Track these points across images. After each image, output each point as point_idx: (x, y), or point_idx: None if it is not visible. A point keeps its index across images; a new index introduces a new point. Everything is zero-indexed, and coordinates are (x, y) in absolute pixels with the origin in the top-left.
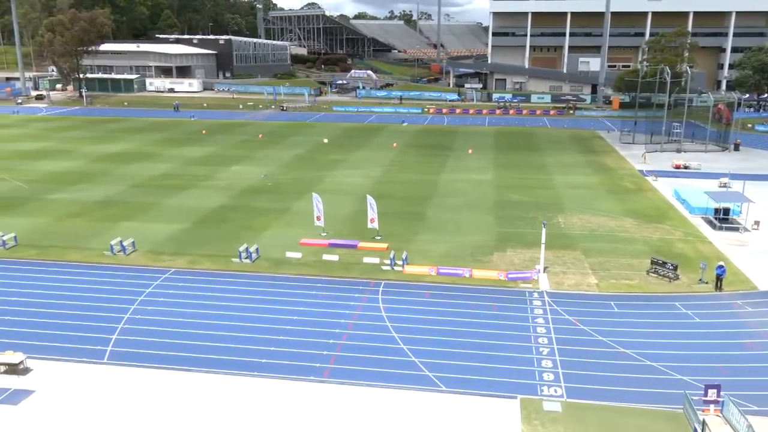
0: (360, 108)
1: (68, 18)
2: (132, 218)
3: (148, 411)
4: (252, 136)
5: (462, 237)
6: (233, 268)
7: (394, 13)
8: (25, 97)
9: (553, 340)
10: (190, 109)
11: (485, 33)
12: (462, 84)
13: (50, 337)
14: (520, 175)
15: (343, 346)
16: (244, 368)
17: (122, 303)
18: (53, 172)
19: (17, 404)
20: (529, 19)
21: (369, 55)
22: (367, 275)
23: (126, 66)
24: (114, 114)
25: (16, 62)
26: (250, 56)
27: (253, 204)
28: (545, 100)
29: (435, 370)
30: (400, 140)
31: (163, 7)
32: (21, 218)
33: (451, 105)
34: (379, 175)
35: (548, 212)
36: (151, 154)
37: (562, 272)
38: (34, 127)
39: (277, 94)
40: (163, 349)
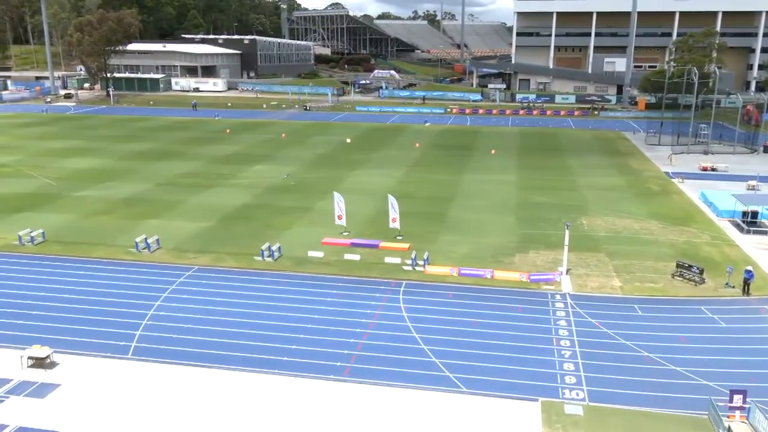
0: (383, 108)
1: (97, 18)
2: (157, 216)
3: (170, 406)
4: (275, 136)
5: (484, 238)
6: (256, 266)
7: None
8: (54, 96)
9: (575, 343)
10: (213, 108)
11: (509, 33)
12: (485, 84)
13: (76, 332)
14: (544, 176)
15: (363, 346)
16: (266, 366)
17: (146, 299)
18: (81, 170)
19: (44, 397)
20: (554, 18)
21: (392, 55)
22: (389, 275)
23: (152, 65)
24: (140, 113)
25: (46, 62)
26: (274, 56)
27: (276, 203)
28: (569, 100)
29: (455, 371)
30: (422, 140)
31: (190, 8)
32: (49, 215)
33: (474, 105)
34: (401, 175)
35: (572, 214)
36: (176, 153)
37: (586, 274)
38: (62, 125)
39: (301, 94)
40: (185, 346)
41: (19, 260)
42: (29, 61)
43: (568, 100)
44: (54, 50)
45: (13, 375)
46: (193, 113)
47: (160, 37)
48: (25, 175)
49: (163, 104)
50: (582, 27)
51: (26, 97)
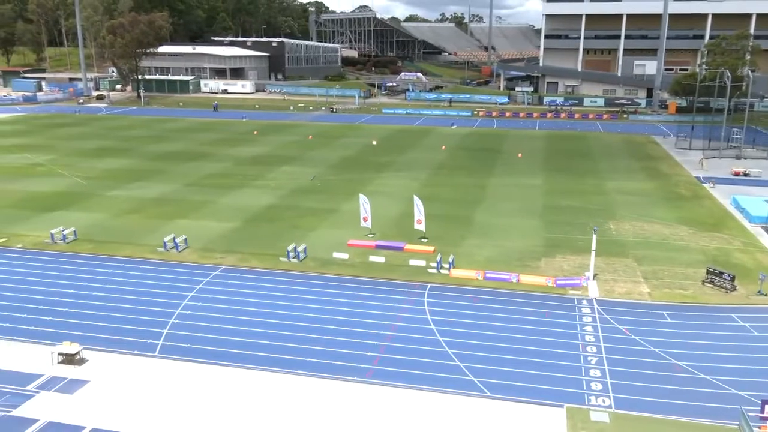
0: (409, 110)
1: (128, 21)
2: (185, 216)
3: (195, 405)
4: (302, 137)
5: (510, 241)
6: (281, 267)
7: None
8: (86, 97)
9: (602, 349)
10: (241, 110)
11: (537, 35)
12: (512, 87)
13: (105, 330)
14: (571, 180)
15: (387, 348)
16: (289, 366)
17: (174, 298)
18: (111, 170)
19: (73, 393)
20: (583, 21)
21: (419, 57)
22: (413, 278)
23: (182, 67)
24: (169, 114)
25: (79, 63)
26: (301, 58)
27: (302, 204)
28: (598, 104)
29: (480, 375)
30: (448, 143)
31: (219, 10)
32: (80, 213)
33: (501, 108)
34: (427, 178)
35: (599, 218)
36: (204, 154)
37: (613, 280)
38: (94, 126)
39: (328, 96)
40: (211, 345)
41: (51, 258)
42: (63, 63)
43: (597, 103)
44: (87, 52)
45: (44, 371)
46: (214, 114)
47: (189, 40)
48: (58, 175)
49: (192, 106)
50: (611, 29)
51: (60, 98)
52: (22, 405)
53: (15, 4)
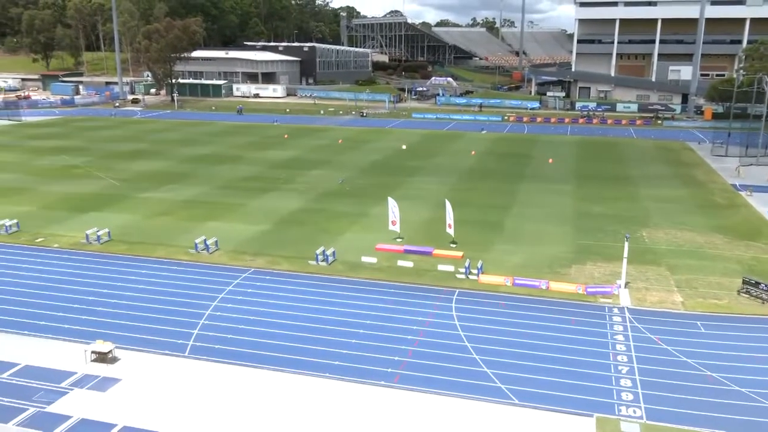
0: (439, 115)
1: (164, 26)
2: (216, 218)
3: (223, 405)
4: (332, 141)
5: (540, 248)
6: (310, 270)
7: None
8: (122, 101)
9: (633, 359)
10: (270, 113)
11: (569, 40)
12: (544, 92)
13: (137, 329)
14: (603, 187)
15: (414, 353)
16: (317, 369)
17: (204, 299)
18: (145, 172)
19: (105, 391)
20: (617, 25)
21: (450, 62)
22: (442, 283)
23: (215, 72)
24: (202, 118)
25: (116, 67)
26: (332, 63)
27: (332, 208)
28: (631, 109)
29: (508, 382)
30: (478, 148)
31: (252, 16)
32: (115, 215)
33: (532, 113)
34: (456, 183)
35: (632, 225)
36: (235, 157)
37: (645, 288)
38: (129, 128)
39: (358, 100)
40: (240, 346)
41: (86, 258)
42: (100, 67)
43: (630, 108)
44: (123, 57)
45: (78, 368)
46: (239, 118)
47: (223, 45)
48: (94, 177)
49: (225, 109)
50: (646, 34)
51: (96, 101)
52: (56, 402)
53: (55, 9)
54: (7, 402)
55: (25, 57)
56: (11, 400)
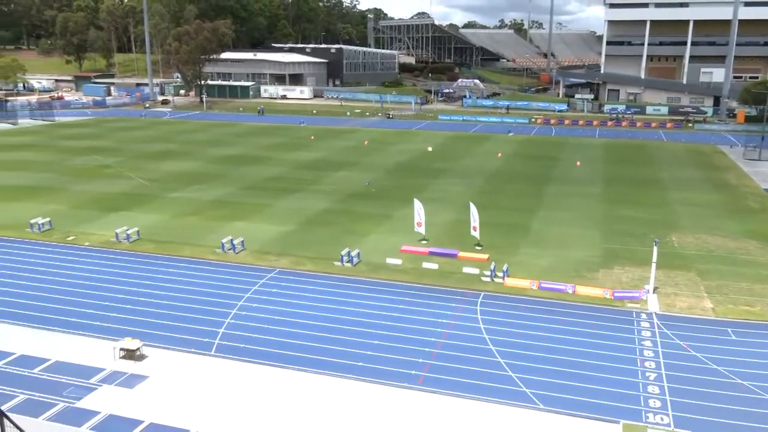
0: (465, 117)
1: (193, 28)
2: (242, 218)
3: (247, 404)
4: (358, 143)
5: (566, 251)
6: (334, 271)
7: (504, 22)
8: (152, 102)
9: (661, 365)
10: (299, 115)
11: (598, 42)
12: (572, 94)
13: (164, 327)
14: (631, 190)
15: (438, 355)
16: (340, 369)
17: (230, 299)
18: (174, 172)
19: (132, 388)
20: (647, 27)
21: (477, 64)
22: (466, 285)
23: (243, 73)
24: (230, 119)
25: (146, 69)
26: (359, 64)
27: (357, 209)
28: (662, 112)
29: (533, 386)
30: (505, 150)
31: (280, 18)
32: (144, 214)
33: (559, 115)
34: (482, 185)
35: (661, 230)
36: (262, 158)
37: (674, 294)
38: (159, 129)
39: (384, 102)
40: (265, 346)
41: (115, 257)
42: (131, 69)
43: (660, 111)
44: (153, 58)
45: (106, 365)
46: (266, 119)
47: (251, 46)
48: (124, 176)
49: (252, 111)
50: (677, 35)
51: (127, 102)
52: (86, 397)
53: (88, 12)
54: (38, 397)
55: (58, 59)
56: (42, 395)
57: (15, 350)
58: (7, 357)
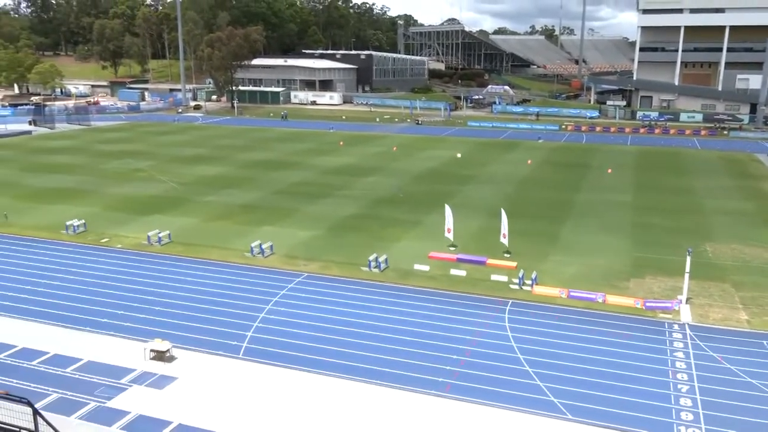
0: (495, 123)
1: (226, 35)
2: (271, 222)
3: (275, 407)
4: (387, 149)
5: (596, 260)
6: (362, 276)
7: (535, 28)
8: (184, 107)
9: (693, 377)
10: (328, 121)
11: (631, 48)
12: (603, 101)
13: (193, 329)
14: (664, 198)
15: (466, 363)
16: (367, 375)
17: (258, 302)
18: (205, 176)
19: (162, 389)
20: (682, 33)
21: (507, 70)
22: (495, 293)
23: (274, 79)
24: (260, 124)
25: (179, 75)
26: (388, 70)
27: (385, 215)
28: (696, 119)
29: (561, 396)
30: (535, 157)
31: (311, 24)
32: (175, 218)
33: (590, 122)
34: (511, 192)
35: (694, 239)
36: (292, 163)
37: (708, 305)
38: (191, 134)
39: (413, 108)
40: (292, 350)
41: (147, 259)
42: (164, 75)
43: (695, 118)
44: (186, 64)
45: (137, 365)
46: (290, 124)
47: (282, 52)
48: (157, 180)
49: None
50: (712, 41)
51: (161, 107)
52: (116, 397)
53: (124, 19)
54: (70, 395)
55: (95, 64)
56: (74, 394)
57: (49, 349)
58: (42, 356)
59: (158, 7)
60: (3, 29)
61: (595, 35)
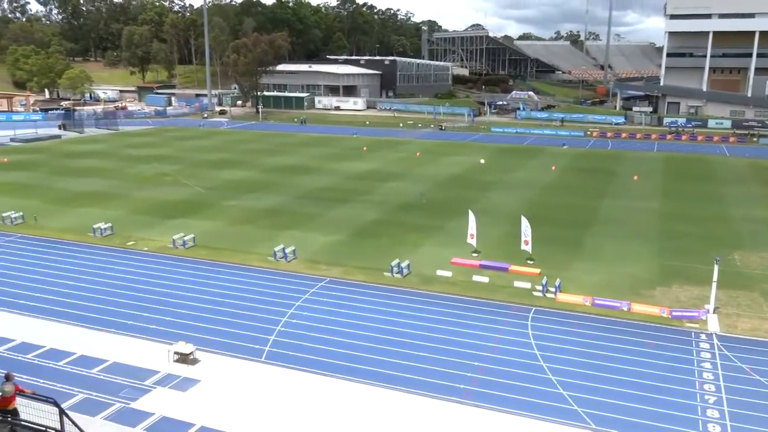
0: (519, 129)
1: (251, 41)
2: (295, 227)
3: (296, 411)
4: (410, 154)
5: (621, 268)
6: (384, 282)
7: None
8: (210, 112)
9: (721, 388)
10: (352, 126)
11: (658, 53)
12: (629, 107)
13: (216, 332)
14: (691, 205)
15: (486, 370)
16: (387, 380)
17: (281, 306)
18: (230, 181)
19: (185, 391)
20: (710, 38)
21: (531, 76)
22: (517, 300)
23: (298, 84)
24: (284, 129)
25: (205, 80)
26: (412, 76)
27: (408, 220)
28: (724, 125)
29: (584, 405)
30: (559, 163)
31: (335, 30)
32: (200, 221)
33: (616, 128)
34: (535, 198)
35: (722, 247)
36: (315, 168)
37: (736, 314)
38: (216, 139)
39: (437, 114)
40: (314, 354)
41: (171, 262)
42: (191, 80)
43: (723, 125)
44: (212, 70)
45: (161, 367)
46: (335, 130)
47: (306, 58)
48: (182, 184)
49: (308, 121)
50: (742, 47)
51: (187, 112)
52: (140, 398)
53: (152, 25)
54: (95, 396)
55: (123, 70)
56: (99, 395)
57: (76, 350)
58: (68, 356)
59: (185, 14)
60: (35, 35)
61: (622, 41)
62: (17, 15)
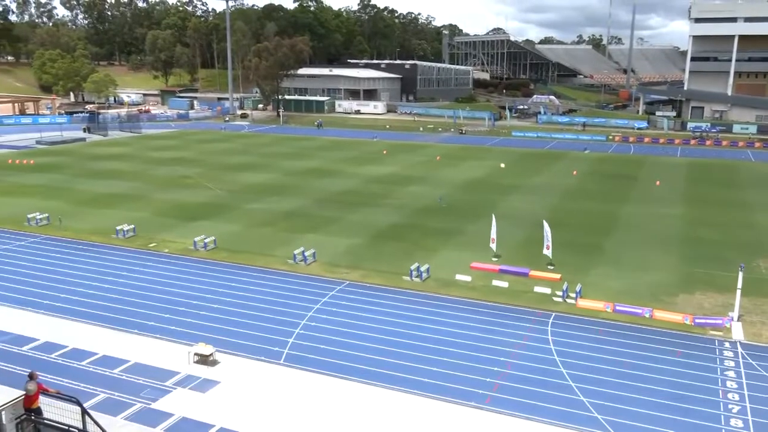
0: (540, 133)
1: (273, 45)
2: (314, 230)
3: (315, 414)
4: (430, 158)
5: (643, 274)
6: (403, 286)
7: (582, 38)
8: (232, 116)
9: (745, 398)
10: (373, 130)
11: (682, 57)
12: (652, 111)
13: (236, 334)
14: (715, 211)
15: (507, 376)
16: (406, 385)
17: (300, 309)
18: (251, 184)
19: (205, 392)
20: (735, 42)
21: (553, 80)
22: (537, 305)
23: (319, 88)
24: (305, 132)
25: (227, 84)
26: (433, 80)
27: (427, 224)
28: (750, 130)
29: (605, 412)
30: (580, 168)
31: (356, 34)
32: (221, 224)
33: (639, 133)
34: (556, 203)
35: (747, 254)
36: (335, 171)
37: (761, 322)
38: (237, 142)
39: (457, 118)
40: (333, 357)
41: (192, 264)
42: (213, 84)
43: (749, 130)
44: (234, 73)
45: (181, 368)
46: (355, 134)
47: (327, 62)
48: (203, 187)
49: (326, 125)
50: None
51: (208, 116)
52: (160, 399)
53: (175, 30)
54: (117, 396)
55: (146, 74)
56: (121, 395)
57: (98, 350)
58: (91, 356)
59: (208, 18)
60: (61, 40)
61: (645, 44)
62: (44, 20)
